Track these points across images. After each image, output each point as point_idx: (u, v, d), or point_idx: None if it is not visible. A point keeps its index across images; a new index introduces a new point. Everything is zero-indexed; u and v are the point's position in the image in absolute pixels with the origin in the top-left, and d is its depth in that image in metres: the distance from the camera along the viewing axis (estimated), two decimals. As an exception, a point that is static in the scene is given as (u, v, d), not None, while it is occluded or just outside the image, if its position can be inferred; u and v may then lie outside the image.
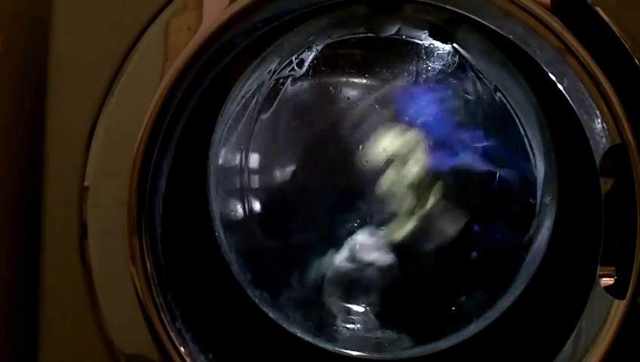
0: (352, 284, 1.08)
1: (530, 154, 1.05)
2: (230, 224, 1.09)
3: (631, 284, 0.70)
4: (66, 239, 0.76)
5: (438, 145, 1.19)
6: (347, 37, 1.17)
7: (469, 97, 1.19)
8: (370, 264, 1.06)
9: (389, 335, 1.01)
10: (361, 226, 1.18)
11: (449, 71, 1.21)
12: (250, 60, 0.91)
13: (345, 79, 1.28)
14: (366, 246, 1.13)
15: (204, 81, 0.78)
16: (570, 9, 0.71)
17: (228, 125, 1.02)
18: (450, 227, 1.18)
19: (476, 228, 1.16)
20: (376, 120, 1.28)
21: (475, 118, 1.19)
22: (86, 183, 0.76)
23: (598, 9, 0.71)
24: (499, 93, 1.15)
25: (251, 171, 1.21)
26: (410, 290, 1.03)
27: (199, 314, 0.82)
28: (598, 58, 0.70)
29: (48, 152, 0.77)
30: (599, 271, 0.74)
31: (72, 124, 0.76)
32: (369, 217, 1.20)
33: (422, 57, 1.21)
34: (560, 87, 0.77)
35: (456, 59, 1.18)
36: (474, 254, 1.09)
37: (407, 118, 1.27)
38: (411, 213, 1.18)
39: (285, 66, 1.17)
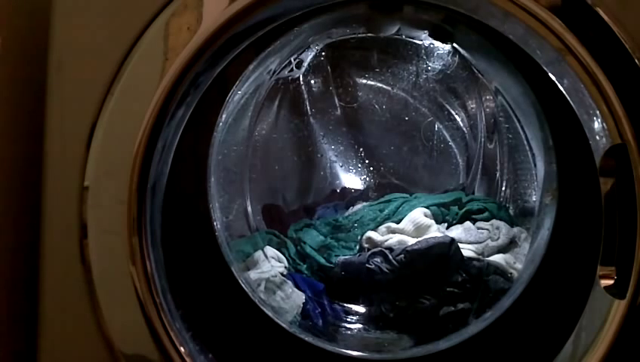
0: (353, 285, 1.08)
1: (530, 154, 1.06)
2: (230, 224, 1.09)
3: (631, 284, 0.70)
4: (66, 239, 0.77)
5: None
6: (347, 37, 1.17)
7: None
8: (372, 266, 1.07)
9: (389, 336, 1.02)
10: (360, 226, 1.19)
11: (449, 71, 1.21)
12: (250, 60, 0.91)
13: (344, 79, 1.29)
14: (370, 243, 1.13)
15: (204, 81, 0.78)
16: (571, 9, 0.71)
17: (228, 125, 1.02)
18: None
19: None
20: (375, 121, 1.29)
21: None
22: (86, 183, 0.76)
23: (599, 9, 0.71)
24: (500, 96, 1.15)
25: (252, 171, 1.22)
26: (410, 291, 1.04)
27: (199, 314, 0.82)
28: (598, 58, 0.70)
29: (48, 152, 0.77)
30: (599, 271, 0.74)
31: (72, 124, 0.76)
32: (369, 217, 1.20)
33: (422, 57, 1.22)
34: (560, 87, 0.77)
35: (457, 59, 1.19)
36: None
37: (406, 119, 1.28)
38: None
39: (285, 67, 1.18)
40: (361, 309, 1.07)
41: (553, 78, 0.77)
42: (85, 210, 0.76)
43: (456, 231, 1.13)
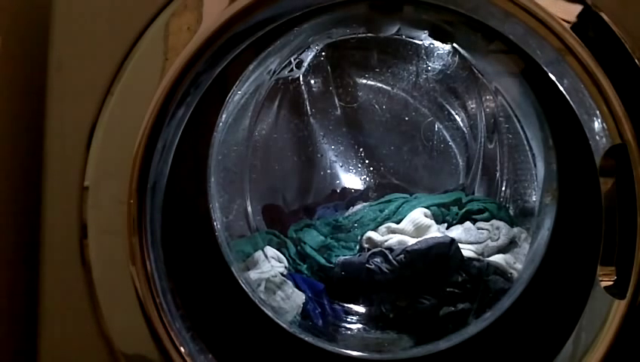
0: (353, 285, 1.08)
1: (530, 154, 1.06)
2: (230, 224, 1.09)
3: (631, 284, 0.70)
4: (66, 239, 0.77)
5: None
6: (347, 37, 1.17)
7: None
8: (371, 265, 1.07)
9: (389, 335, 1.02)
10: (360, 226, 1.19)
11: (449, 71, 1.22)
12: (250, 60, 0.91)
13: (344, 79, 1.29)
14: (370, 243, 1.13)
15: (204, 81, 0.78)
16: (571, 9, 0.71)
17: (228, 125, 1.02)
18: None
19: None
20: (375, 121, 1.29)
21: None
22: (86, 183, 0.76)
23: (599, 10, 0.71)
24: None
25: (252, 171, 1.22)
26: (410, 291, 1.04)
27: (199, 314, 0.82)
28: (598, 58, 0.70)
29: (48, 152, 0.77)
30: (599, 271, 0.74)
31: (72, 124, 0.76)
32: (369, 217, 1.20)
33: (422, 57, 1.22)
34: (560, 87, 0.77)
35: (456, 59, 1.19)
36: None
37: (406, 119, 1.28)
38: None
39: (285, 67, 1.18)
40: (361, 309, 1.07)
41: (553, 78, 0.77)
42: (85, 210, 0.76)
43: (456, 232, 1.13)
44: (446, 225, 1.17)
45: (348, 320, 1.05)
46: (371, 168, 1.28)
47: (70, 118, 0.77)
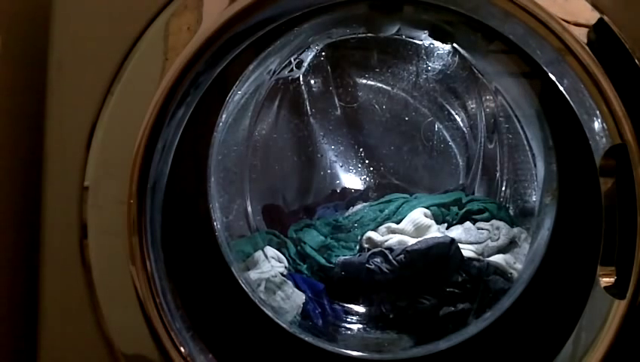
0: (353, 285, 1.08)
1: (530, 154, 1.06)
2: (230, 224, 1.09)
3: (631, 284, 0.70)
4: (66, 239, 0.77)
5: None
6: (347, 37, 1.17)
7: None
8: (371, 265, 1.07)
9: (389, 335, 1.02)
10: (361, 226, 1.19)
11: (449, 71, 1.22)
12: (250, 60, 0.91)
13: (344, 79, 1.29)
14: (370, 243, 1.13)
15: (204, 81, 0.78)
16: (570, 9, 0.71)
17: (228, 125, 1.02)
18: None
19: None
20: (375, 121, 1.29)
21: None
22: (86, 183, 0.76)
23: (599, 9, 0.71)
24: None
25: (252, 171, 1.22)
26: (410, 291, 1.04)
27: (199, 315, 0.82)
28: (598, 58, 0.70)
29: (48, 152, 0.77)
30: (599, 271, 0.74)
31: (72, 124, 0.76)
32: (369, 217, 1.20)
33: (422, 57, 1.22)
34: (560, 87, 0.77)
35: (456, 59, 1.19)
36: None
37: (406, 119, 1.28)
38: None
39: (285, 67, 1.18)
40: (361, 309, 1.07)
41: (553, 78, 0.77)
42: (85, 210, 0.76)
43: (456, 232, 1.13)
44: (446, 225, 1.17)
45: (348, 320, 1.05)
46: (371, 168, 1.28)
47: (70, 118, 0.77)
